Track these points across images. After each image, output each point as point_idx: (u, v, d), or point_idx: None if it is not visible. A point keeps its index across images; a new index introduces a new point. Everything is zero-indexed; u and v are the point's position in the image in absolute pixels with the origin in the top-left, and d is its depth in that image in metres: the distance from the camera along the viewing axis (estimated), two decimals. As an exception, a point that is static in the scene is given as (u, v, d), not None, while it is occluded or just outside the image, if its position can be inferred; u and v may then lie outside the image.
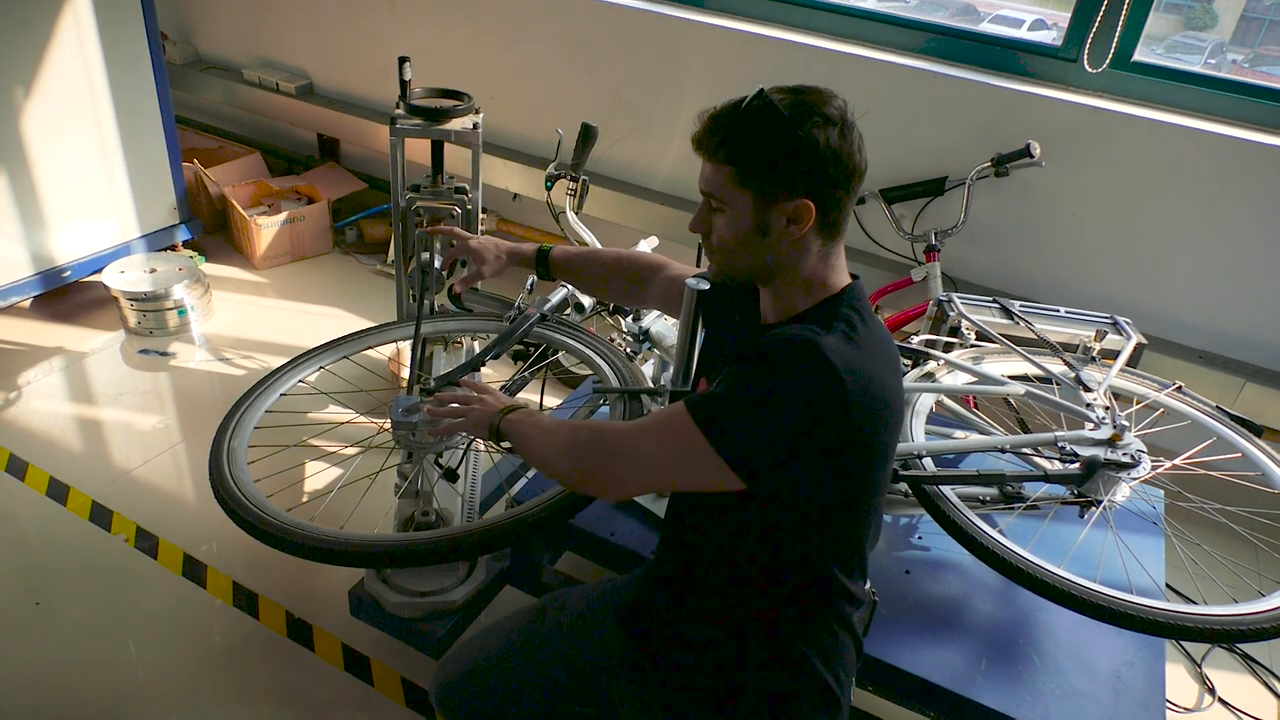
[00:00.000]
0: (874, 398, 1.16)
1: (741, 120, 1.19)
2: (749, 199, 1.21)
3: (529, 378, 2.07)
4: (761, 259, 1.25)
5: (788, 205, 1.20)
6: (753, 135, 1.19)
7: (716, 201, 1.25)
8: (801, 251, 1.24)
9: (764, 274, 1.28)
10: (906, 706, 1.76)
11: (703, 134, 1.24)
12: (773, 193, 1.20)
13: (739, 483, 1.16)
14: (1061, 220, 2.82)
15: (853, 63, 2.93)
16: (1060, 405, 1.97)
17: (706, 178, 1.25)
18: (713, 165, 1.24)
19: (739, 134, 1.20)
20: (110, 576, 2.30)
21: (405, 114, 2.45)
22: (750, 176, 1.20)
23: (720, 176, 1.23)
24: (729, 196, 1.23)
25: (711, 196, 1.26)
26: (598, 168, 3.42)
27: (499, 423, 1.42)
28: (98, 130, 3.20)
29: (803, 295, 1.27)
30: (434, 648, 1.79)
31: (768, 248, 1.23)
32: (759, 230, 1.22)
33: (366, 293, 3.69)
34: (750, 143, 1.19)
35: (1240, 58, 3.76)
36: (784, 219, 1.21)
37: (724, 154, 1.22)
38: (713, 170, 1.24)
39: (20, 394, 2.93)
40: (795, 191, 1.19)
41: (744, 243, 1.24)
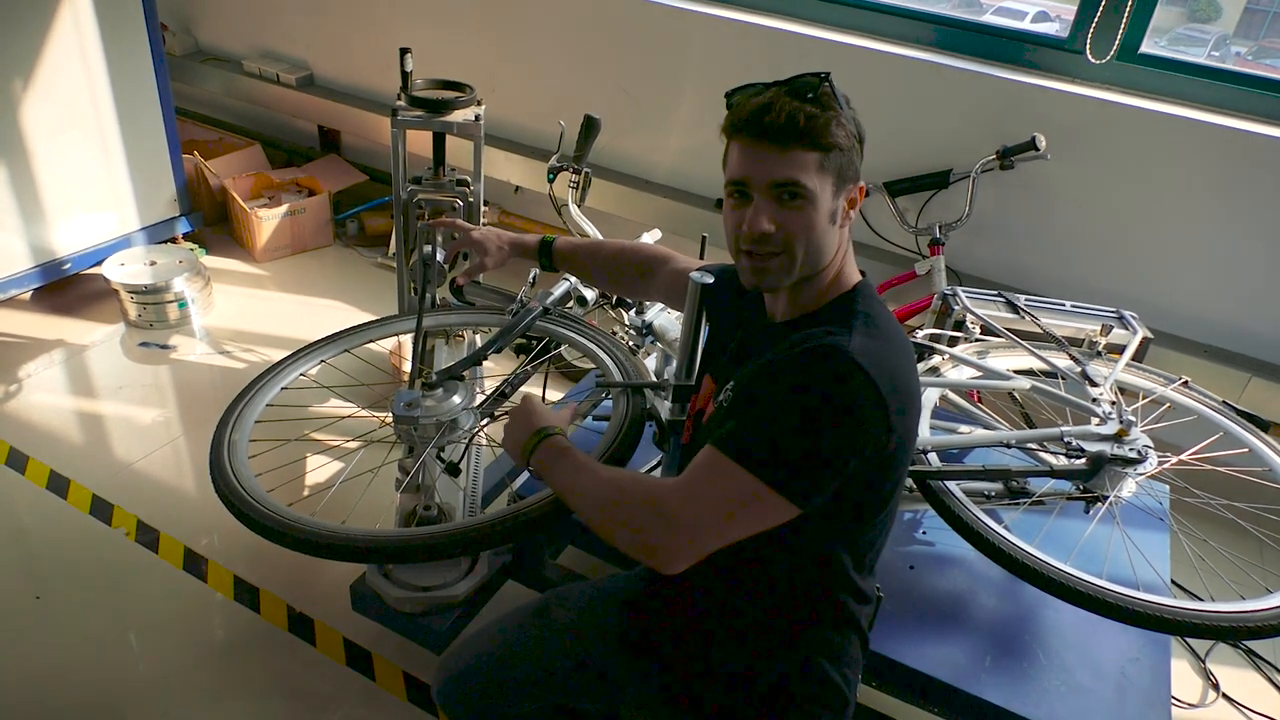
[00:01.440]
0: (903, 396, 1.16)
1: (817, 105, 1.16)
2: (829, 185, 1.18)
3: (531, 371, 2.06)
4: (827, 251, 1.23)
5: (852, 189, 1.21)
6: (832, 120, 1.16)
7: (801, 191, 1.17)
8: (844, 241, 1.25)
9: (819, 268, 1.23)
10: (912, 703, 1.76)
11: (776, 121, 1.15)
12: (845, 178, 1.20)
13: (797, 510, 1.13)
14: (1067, 213, 2.81)
15: (856, 54, 2.91)
16: (1066, 400, 1.96)
17: (780, 167, 1.16)
18: (791, 153, 1.16)
19: (822, 119, 1.16)
20: (111, 570, 2.29)
21: (407, 105, 2.43)
22: (832, 162, 1.17)
23: (804, 164, 1.16)
24: (814, 185, 1.17)
25: (794, 186, 1.17)
26: (600, 160, 3.40)
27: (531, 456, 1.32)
28: (97, 122, 3.19)
29: (820, 292, 1.26)
30: (436, 643, 1.79)
31: (835, 237, 1.23)
32: (832, 218, 1.21)
33: (368, 286, 3.68)
34: (832, 126, 1.16)
35: (1244, 50, 3.74)
36: (849, 204, 1.22)
37: (810, 141, 1.15)
38: (785, 159, 1.16)
39: (20, 387, 2.92)
40: (856, 176, 1.21)
41: (824, 233, 1.20)
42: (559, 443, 1.31)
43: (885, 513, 1.27)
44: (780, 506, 1.12)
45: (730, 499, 1.13)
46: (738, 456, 1.12)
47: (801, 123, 1.14)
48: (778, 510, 1.13)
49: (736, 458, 1.12)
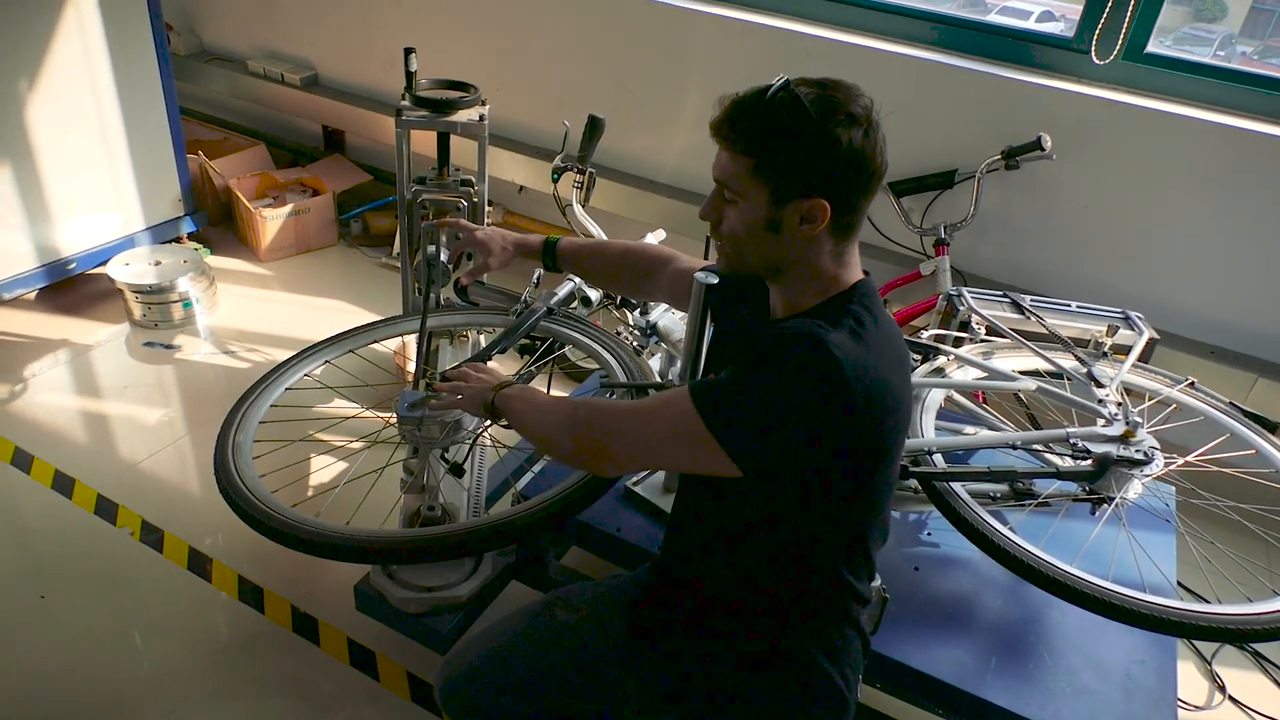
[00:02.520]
0: (879, 395, 1.14)
1: (764, 111, 1.14)
2: (764, 193, 1.17)
3: (535, 372, 2.06)
4: (771, 255, 1.22)
5: (803, 204, 1.16)
6: (774, 128, 1.14)
7: (730, 192, 1.21)
8: (814, 250, 1.21)
9: (773, 269, 1.25)
10: (916, 704, 1.75)
11: (722, 120, 1.18)
12: (789, 190, 1.16)
13: (734, 469, 1.15)
14: (1073, 213, 2.80)
15: (860, 53, 2.91)
16: (1072, 401, 1.95)
17: (721, 165, 1.21)
18: (729, 154, 1.19)
19: (760, 125, 1.15)
20: (115, 570, 2.30)
21: (411, 105, 2.43)
22: (767, 170, 1.16)
23: (736, 166, 1.18)
24: (743, 188, 1.18)
25: (725, 186, 1.21)
26: (604, 160, 3.40)
27: (493, 399, 1.43)
28: (102, 122, 3.19)
29: (812, 292, 1.24)
30: (439, 643, 1.79)
31: (778, 244, 1.20)
32: (770, 226, 1.19)
33: (372, 286, 3.68)
34: (771, 136, 1.15)
35: (1250, 49, 3.73)
36: (798, 217, 1.17)
37: (742, 144, 1.17)
38: (729, 159, 1.19)
39: (25, 387, 2.93)
40: (812, 191, 1.15)
41: (754, 237, 1.21)
42: (520, 386, 1.45)
43: (875, 514, 1.27)
44: (717, 457, 1.15)
45: (672, 429, 1.19)
46: (697, 402, 1.16)
47: (738, 129, 1.17)
48: (713, 459, 1.15)
49: (695, 402, 1.16)
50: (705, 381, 1.21)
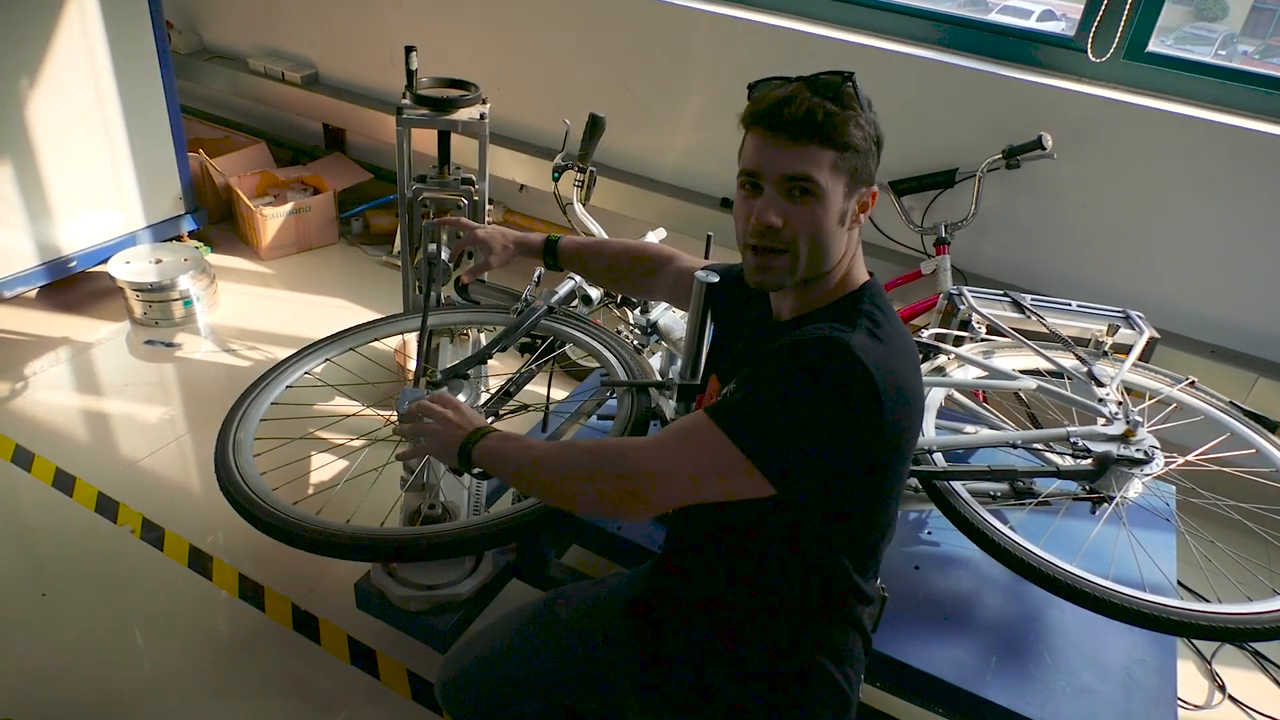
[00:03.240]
0: (902, 396, 1.15)
1: (838, 103, 1.15)
2: (841, 185, 1.17)
3: (535, 370, 2.06)
4: (836, 251, 1.21)
5: (865, 192, 1.20)
6: (852, 119, 1.15)
7: (807, 187, 1.16)
8: (853, 243, 1.24)
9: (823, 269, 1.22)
10: (916, 703, 1.75)
11: (795, 115, 1.14)
12: (859, 179, 1.19)
13: (770, 488, 1.13)
14: (1073, 213, 2.80)
15: (861, 52, 2.91)
16: (1072, 400, 1.95)
17: (794, 161, 1.15)
18: (804, 149, 1.14)
19: (840, 117, 1.14)
20: (116, 568, 2.30)
21: (412, 104, 2.43)
22: (846, 161, 1.16)
23: (817, 159, 1.15)
24: (826, 182, 1.16)
25: (805, 181, 1.15)
26: (605, 159, 3.40)
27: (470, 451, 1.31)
28: (103, 120, 3.19)
29: (826, 291, 1.25)
30: (440, 641, 1.79)
31: (843, 239, 1.21)
32: (841, 219, 1.20)
33: (372, 284, 3.68)
34: (850, 126, 1.15)
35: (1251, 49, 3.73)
36: (859, 207, 1.21)
37: (825, 137, 1.14)
38: (800, 153, 1.15)
39: (26, 384, 2.93)
40: (871, 178, 1.20)
41: (831, 233, 1.19)
42: (501, 433, 1.32)
43: (885, 514, 1.27)
44: (752, 479, 1.12)
45: (705, 461, 1.14)
46: (720, 420, 1.13)
47: (819, 118, 1.13)
48: (749, 482, 1.12)
49: (719, 422, 1.13)
50: (726, 405, 1.15)
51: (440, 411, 1.38)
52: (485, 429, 1.34)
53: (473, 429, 1.34)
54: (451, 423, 1.36)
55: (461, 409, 1.39)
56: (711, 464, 1.14)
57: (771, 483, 1.12)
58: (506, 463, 1.30)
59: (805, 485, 1.15)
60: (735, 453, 1.11)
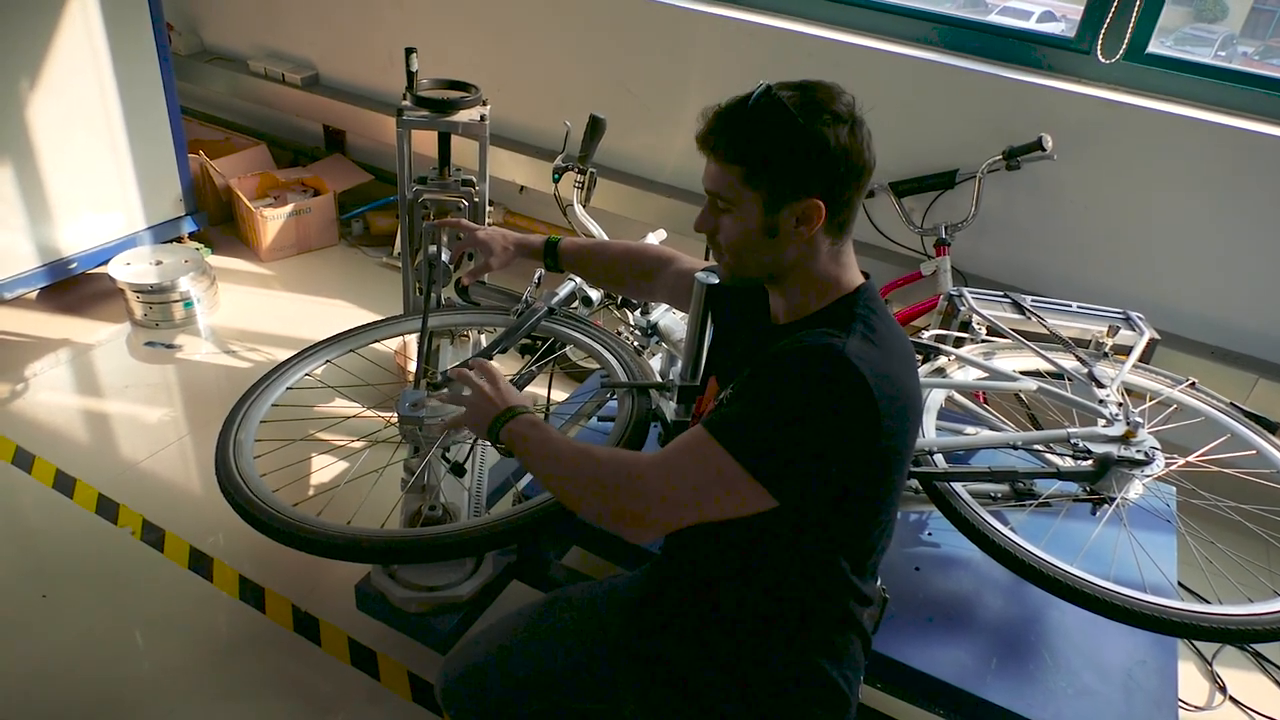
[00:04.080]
0: (899, 401, 1.15)
1: (749, 119, 1.16)
2: (758, 200, 1.18)
3: (536, 372, 2.06)
4: (771, 260, 1.22)
5: (797, 206, 1.17)
6: (761, 134, 1.15)
7: (723, 202, 1.22)
8: (811, 251, 1.21)
9: (774, 275, 1.25)
10: (917, 705, 1.75)
11: (707, 132, 1.20)
12: (782, 193, 1.17)
13: (773, 501, 1.13)
14: (1074, 214, 2.80)
15: (861, 54, 2.91)
16: (1073, 401, 1.95)
17: (712, 177, 1.22)
18: (718, 165, 1.20)
19: (747, 133, 1.16)
20: (116, 569, 2.30)
21: (412, 105, 2.43)
22: (759, 177, 1.17)
23: (727, 177, 1.19)
24: (736, 197, 1.19)
25: (718, 196, 1.22)
26: (605, 160, 3.40)
27: (500, 430, 1.33)
28: (103, 122, 3.19)
29: (815, 295, 1.25)
30: (440, 642, 1.79)
31: (776, 248, 1.21)
32: (767, 231, 1.20)
33: (373, 285, 3.68)
34: (758, 142, 1.15)
35: (1251, 50, 3.73)
36: (793, 219, 1.18)
37: (731, 154, 1.18)
38: (719, 170, 1.20)
39: (26, 386, 2.93)
40: (805, 191, 1.16)
41: (752, 244, 1.21)
42: (530, 418, 1.33)
43: (883, 516, 1.27)
44: (756, 494, 1.12)
45: (707, 477, 1.14)
46: (721, 438, 1.13)
47: (723, 138, 1.18)
48: (753, 497, 1.13)
49: (720, 438, 1.13)
50: (724, 419, 1.15)
51: (477, 384, 1.40)
52: (517, 409, 1.35)
53: (505, 407, 1.35)
54: (487, 397, 1.38)
55: (499, 383, 1.40)
56: (714, 482, 1.14)
57: (775, 496, 1.13)
58: (527, 454, 1.31)
59: (808, 496, 1.16)
60: (738, 469, 1.12)
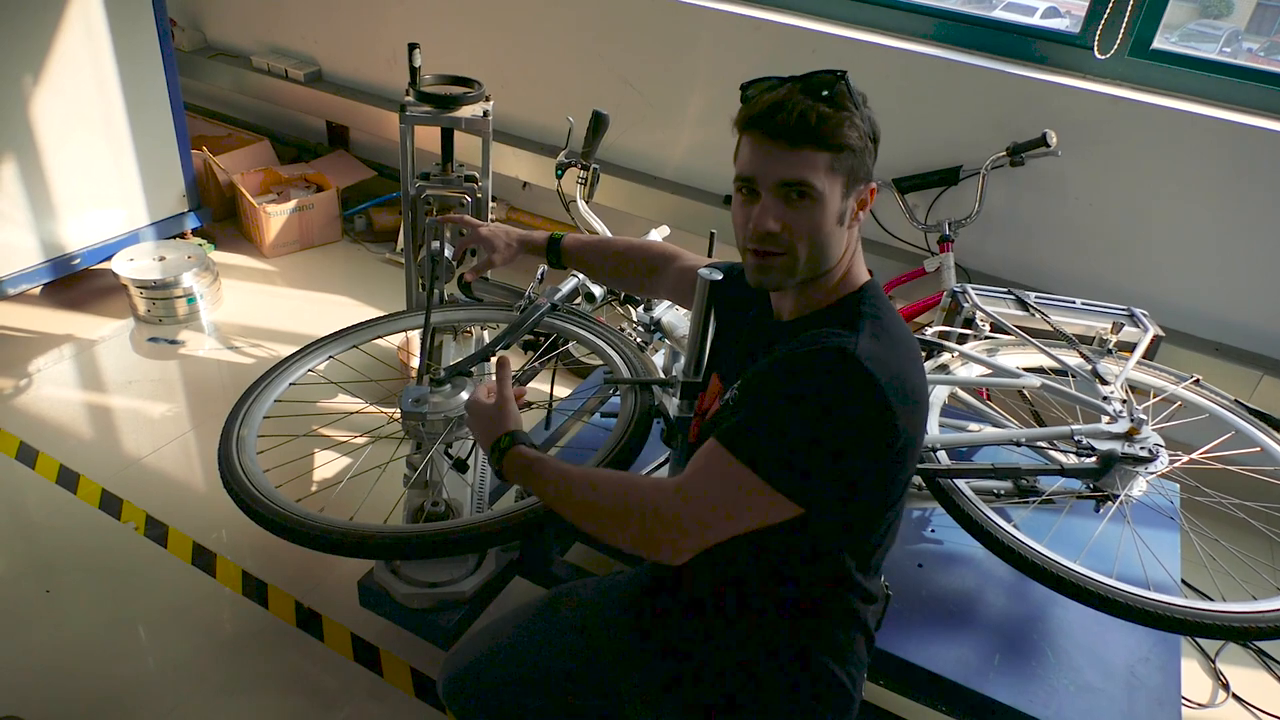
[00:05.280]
0: (910, 400, 1.15)
1: (832, 104, 1.14)
2: (839, 186, 1.17)
3: (539, 368, 2.06)
4: (836, 250, 1.21)
5: (864, 190, 1.20)
6: (845, 120, 1.14)
7: (810, 191, 1.15)
8: (852, 241, 1.23)
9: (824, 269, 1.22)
10: (919, 701, 1.75)
11: (788, 119, 1.13)
12: (856, 178, 1.18)
13: (795, 509, 1.13)
14: (1078, 210, 2.79)
15: (865, 49, 2.90)
16: (1076, 398, 1.94)
17: (789, 166, 1.14)
18: (798, 152, 1.14)
19: (835, 119, 1.14)
20: (120, 565, 2.30)
21: (415, 101, 2.43)
22: (844, 163, 1.16)
23: (812, 163, 1.14)
24: (823, 185, 1.15)
25: (802, 185, 1.15)
26: (608, 156, 3.40)
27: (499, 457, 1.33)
28: (106, 118, 3.19)
29: (827, 291, 1.24)
30: (443, 638, 1.79)
31: (843, 237, 1.21)
32: (840, 219, 1.19)
33: (376, 281, 3.68)
34: (845, 127, 1.14)
35: (1256, 46, 3.71)
36: (858, 205, 1.20)
37: (820, 140, 1.14)
38: (795, 158, 1.14)
39: (30, 381, 2.93)
40: (869, 176, 1.20)
41: (830, 233, 1.19)
42: (529, 453, 1.32)
43: (891, 514, 1.26)
44: (781, 505, 1.13)
45: (732, 496, 1.14)
46: (741, 453, 1.13)
47: (813, 122, 1.12)
48: (779, 508, 1.13)
49: (740, 455, 1.13)
50: (740, 431, 1.14)
51: (481, 406, 1.41)
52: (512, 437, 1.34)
53: (501, 434, 1.35)
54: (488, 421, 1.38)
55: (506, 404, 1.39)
56: (740, 499, 1.14)
57: (800, 505, 1.13)
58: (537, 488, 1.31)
59: (827, 499, 1.16)
60: (760, 484, 1.12)
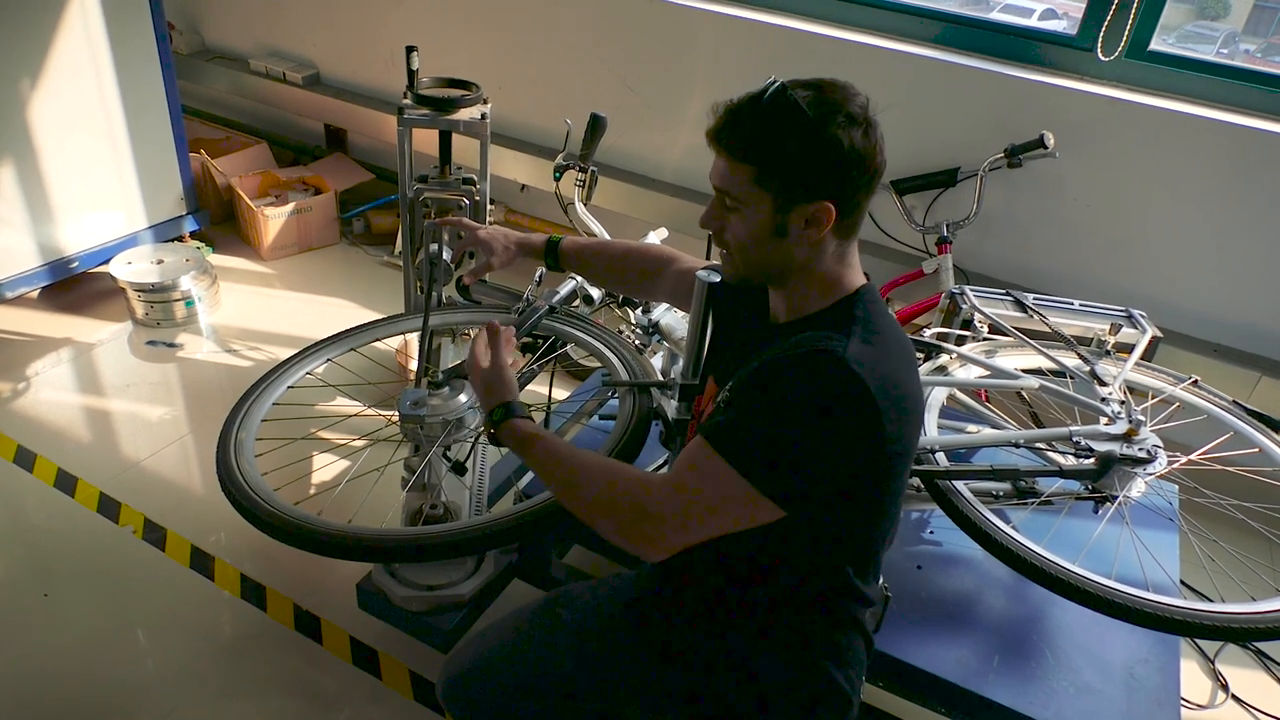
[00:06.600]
0: (900, 403, 1.14)
1: (763, 117, 1.14)
2: (768, 200, 1.17)
3: (537, 370, 2.06)
4: (777, 260, 1.21)
5: (808, 207, 1.16)
6: (775, 135, 1.13)
7: (732, 200, 1.20)
8: (818, 252, 1.20)
9: (779, 274, 1.24)
10: (918, 703, 1.75)
11: (720, 129, 1.18)
12: (793, 195, 1.15)
13: (780, 512, 1.13)
14: (1075, 211, 2.80)
15: (863, 51, 2.91)
16: (1075, 399, 1.94)
17: (721, 174, 1.20)
18: (729, 162, 1.18)
19: (760, 132, 1.14)
20: (118, 568, 2.30)
21: (413, 104, 2.43)
22: (770, 178, 1.15)
23: (738, 175, 1.17)
24: (746, 196, 1.18)
25: (727, 194, 1.20)
26: (606, 158, 3.40)
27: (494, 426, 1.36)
28: (104, 121, 3.19)
29: (817, 295, 1.24)
30: (442, 641, 1.79)
31: (784, 249, 1.20)
32: (776, 231, 1.18)
33: (374, 284, 3.68)
34: (772, 143, 1.14)
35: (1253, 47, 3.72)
36: (803, 221, 1.17)
37: (743, 152, 1.16)
38: (728, 167, 1.18)
39: (28, 385, 2.93)
40: (817, 194, 1.15)
41: (760, 243, 1.20)
42: (523, 426, 1.35)
43: (886, 518, 1.26)
44: (764, 506, 1.13)
45: (716, 496, 1.14)
46: (727, 454, 1.12)
47: (739, 137, 1.16)
48: (763, 512, 1.13)
49: (726, 455, 1.12)
50: (725, 429, 1.15)
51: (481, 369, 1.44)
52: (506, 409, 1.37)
53: (498, 403, 1.38)
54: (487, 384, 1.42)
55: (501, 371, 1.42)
56: (724, 500, 1.14)
57: (783, 509, 1.13)
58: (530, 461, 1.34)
59: (813, 503, 1.15)
60: (746, 486, 1.12)
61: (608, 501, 1.22)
